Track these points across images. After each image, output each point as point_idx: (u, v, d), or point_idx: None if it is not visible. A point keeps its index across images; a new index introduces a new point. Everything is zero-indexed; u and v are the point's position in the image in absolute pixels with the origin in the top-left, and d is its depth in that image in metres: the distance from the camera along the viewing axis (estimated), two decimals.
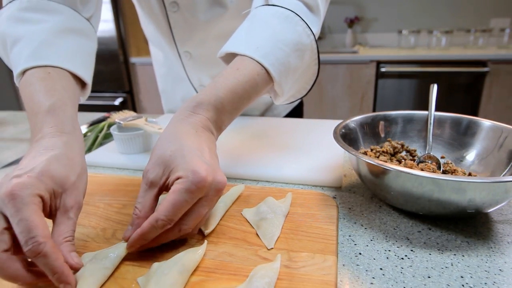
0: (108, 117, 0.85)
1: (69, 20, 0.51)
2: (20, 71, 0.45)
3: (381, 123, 0.57)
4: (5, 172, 0.62)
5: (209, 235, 0.39)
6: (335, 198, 0.49)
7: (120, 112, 0.75)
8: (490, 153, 0.49)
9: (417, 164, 0.50)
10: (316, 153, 0.62)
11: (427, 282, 0.33)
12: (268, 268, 0.32)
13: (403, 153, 0.55)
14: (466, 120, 0.53)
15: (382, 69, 2.21)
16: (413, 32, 2.49)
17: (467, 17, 2.49)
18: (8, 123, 0.99)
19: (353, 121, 0.54)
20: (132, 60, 2.55)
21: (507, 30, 2.35)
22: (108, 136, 0.78)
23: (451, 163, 0.51)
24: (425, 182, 0.38)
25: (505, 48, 2.25)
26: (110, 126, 0.76)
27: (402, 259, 0.36)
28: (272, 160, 0.59)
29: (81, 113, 1.02)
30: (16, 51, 0.47)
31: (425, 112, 0.56)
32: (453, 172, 0.49)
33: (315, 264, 0.34)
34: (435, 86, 0.57)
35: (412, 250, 0.38)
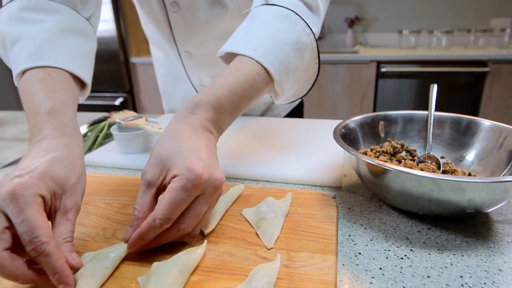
0: (109, 117, 0.85)
1: (69, 20, 0.51)
2: (20, 71, 0.45)
3: (381, 123, 0.57)
4: (6, 172, 0.62)
5: (209, 235, 0.39)
6: (335, 198, 0.49)
7: (121, 112, 0.75)
8: (490, 153, 0.49)
9: (417, 164, 0.51)
10: (316, 153, 0.62)
11: (427, 282, 0.33)
12: (268, 268, 0.32)
13: (403, 153, 0.55)
14: (466, 120, 0.53)
15: (383, 69, 2.21)
16: (414, 32, 2.49)
17: (468, 17, 2.49)
18: (9, 123, 0.99)
19: (353, 121, 0.54)
20: (133, 60, 2.55)
21: (508, 30, 2.35)
22: (109, 136, 0.79)
23: (451, 163, 0.51)
24: (425, 182, 0.38)
25: (506, 48, 2.25)
26: (111, 126, 0.76)
27: (402, 259, 0.36)
28: (272, 160, 0.59)
29: (82, 113, 1.02)
30: (16, 51, 0.47)
31: (425, 112, 0.56)
32: (453, 172, 0.49)
33: (315, 264, 0.34)
34: (435, 86, 0.57)
35: (412, 250, 0.38)
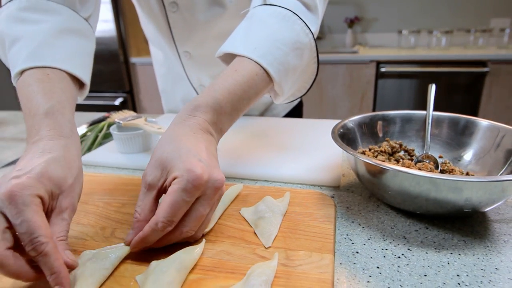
0: (108, 117, 0.85)
1: (68, 21, 0.51)
2: (18, 71, 0.45)
3: (379, 123, 0.57)
4: (5, 172, 0.62)
5: (208, 234, 0.39)
6: (333, 198, 0.49)
7: (120, 112, 0.76)
8: (487, 153, 0.49)
9: (415, 164, 0.51)
10: (315, 153, 0.62)
11: (424, 281, 0.33)
12: (266, 267, 0.32)
13: (401, 153, 0.55)
14: (464, 120, 0.53)
15: (382, 69, 2.21)
16: (413, 32, 2.50)
17: (467, 17, 2.49)
18: (8, 123, 0.99)
19: (351, 121, 0.55)
20: (132, 60, 2.55)
21: (507, 30, 2.36)
22: (108, 136, 0.79)
23: (449, 163, 0.51)
24: (422, 182, 0.38)
25: (505, 48, 2.25)
26: (110, 126, 0.76)
27: (399, 258, 0.37)
28: (271, 160, 0.59)
29: (81, 113, 1.02)
30: (14, 51, 0.47)
31: (423, 112, 0.56)
32: (451, 172, 0.49)
33: (312, 263, 0.34)
34: (433, 86, 0.57)
35: (409, 249, 0.38)
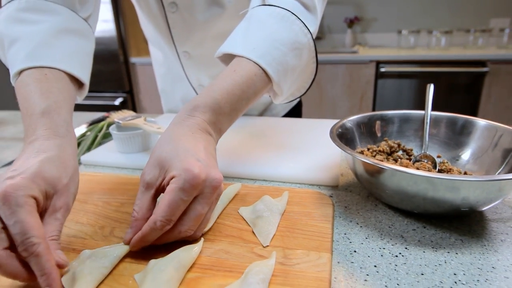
0: (108, 117, 0.86)
1: (67, 21, 0.52)
2: (17, 71, 0.46)
3: (378, 123, 0.57)
4: (5, 171, 0.63)
5: (206, 233, 0.40)
6: (332, 197, 0.50)
7: (119, 112, 0.76)
8: (485, 152, 0.49)
9: (413, 163, 0.51)
10: (314, 153, 0.62)
11: (420, 279, 0.34)
12: (263, 265, 0.32)
13: (400, 153, 0.56)
14: (462, 120, 0.53)
15: (382, 69, 2.21)
16: (413, 32, 2.50)
17: (467, 17, 2.49)
18: (8, 123, 0.99)
19: (350, 121, 0.55)
20: (132, 60, 2.55)
21: (507, 30, 2.36)
22: (108, 136, 0.79)
23: (447, 162, 0.51)
24: (420, 181, 0.38)
25: (505, 48, 2.25)
26: (110, 126, 0.76)
27: (396, 257, 0.37)
28: (270, 159, 0.60)
29: (81, 113, 1.02)
30: (13, 51, 0.47)
31: (422, 112, 0.57)
32: (449, 171, 0.49)
33: (310, 261, 0.34)
34: (432, 86, 0.57)
35: (407, 248, 0.38)
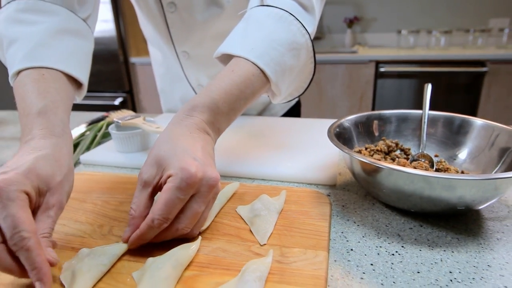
0: (107, 117, 0.86)
1: (65, 21, 0.52)
2: (15, 72, 0.46)
3: (375, 122, 0.58)
4: None
5: (204, 232, 0.40)
6: (329, 196, 0.50)
7: (119, 112, 0.76)
8: (482, 152, 0.50)
9: (411, 163, 0.51)
10: (312, 152, 0.62)
11: (416, 277, 0.34)
12: (260, 263, 0.32)
13: (398, 152, 0.56)
14: (459, 119, 0.53)
15: (381, 69, 2.22)
16: (412, 32, 2.50)
17: (466, 17, 2.49)
18: (8, 122, 0.99)
19: (348, 120, 0.55)
20: (132, 60, 2.55)
21: (506, 30, 2.36)
22: (107, 135, 0.79)
23: (445, 162, 0.51)
24: (416, 180, 0.38)
25: (504, 48, 2.26)
26: (109, 125, 0.76)
27: (393, 255, 0.37)
28: (268, 159, 0.60)
29: (80, 113, 1.02)
30: (12, 52, 0.48)
31: (419, 111, 0.57)
32: (446, 171, 0.49)
33: (307, 259, 0.34)
34: (429, 86, 0.58)
35: (403, 247, 0.38)
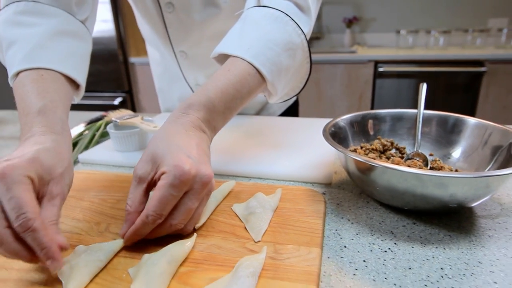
0: (105, 116, 0.86)
1: (64, 23, 0.53)
2: (14, 73, 0.47)
3: (370, 122, 0.58)
4: None
5: (199, 229, 0.40)
6: (325, 194, 0.50)
7: (117, 111, 0.77)
8: (475, 150, 0.50)
9: (405, 161, 0.52)
10: (308, 151, 0.63)
11: (408, 273, 0.34)
12: (254, 259, 0.33)
13: (393, 151, 0.56)
14: (453, 118, 0.54)
15: (380, 69, 2.22)
16: (411, 32, 2.50)
17: (465, 17, 2.50)
18: (8, 122, 1.00)
19: (343, 120, 0.55)
20: (132, 60, 2.56)
21: (505, 30, 2.36)
22: (105, 135, 0.80)
23: (439, 160, 0.52)
24: (409, 178, 0.39)
25: (503, 48, 2.26)
26: (107, 125, 0.77)
27: (385, 252, 0.38)
28: (265, 158, 0.60)
29: (79, 112, 1.03)
30: (11, 53, 0.48)
31: (414, 111, 0.57)
32: (440, 169, 0.50)
33: (300, 256, 0.35)
34: (425, 85, 0.58)
35: (396, 244, 0.39)
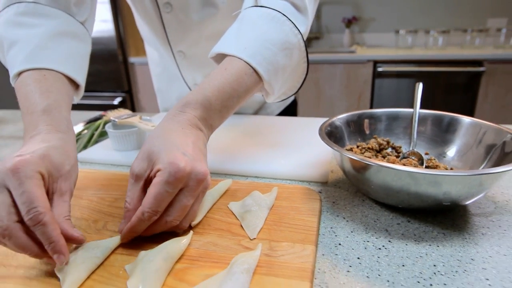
0: (104, 116, 0.87)
1: (64, 24, 0.53)
2: (16, 73, 0.48)
3: (366, 121, 0.58)
4: None
5: (196, 227, 0.41)
6: (321, 193, 0.51)
7: (116, 111, 0.77)
8: (470, 149, 0.51)
9: (401, 160, 0.52)
10: (305, 150, 0.63)
11: (401, 270, 0.35)
12: (248, 256, 0.33)
13: (389, 150, 0.57)
14: (448, 117, 0.54)
15: (379, 69, 2.22)
16: (410, 32, 2.50)
17: (464, 17, 2.50)
18: (7, 121, 1.00)
19: (339, 119, 0.56)
20: (131, 60, 2.56)
21: (504, 30, 2.36)
22: (104, 134, 0.80)
23: (434, 159, 0.52)
24: (403, 176, 0.39)
25: (502, 48, 2.26)
26: (106, 124, 0.77)
27: (380, 249, 0.38)
28: (262, 157, 0.61)
29: (79, 112, 1.03)
30: (12, 54, 0.49)
31: (410, 110, 0.58)
32: (436, 168, 0.50)
33: (294, 253, 0.35)
34: (421, 85, 0.59)
35: (390, 241, 0.39)
